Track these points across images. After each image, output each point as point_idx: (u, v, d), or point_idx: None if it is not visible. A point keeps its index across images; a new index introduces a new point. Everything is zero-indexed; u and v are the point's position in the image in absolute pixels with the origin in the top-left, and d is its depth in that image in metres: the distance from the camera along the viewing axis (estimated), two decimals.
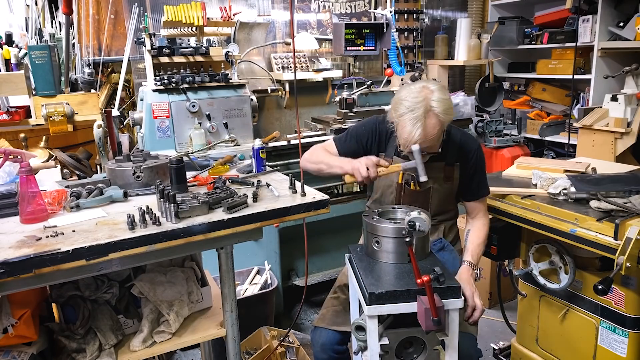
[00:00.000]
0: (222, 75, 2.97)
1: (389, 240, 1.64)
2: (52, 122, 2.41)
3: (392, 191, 2.04)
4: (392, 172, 1.88)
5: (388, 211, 1.79)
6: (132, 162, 1.87)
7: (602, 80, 3.81)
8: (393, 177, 2.02)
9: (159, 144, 2.86)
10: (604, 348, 1.98)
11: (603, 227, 1.77)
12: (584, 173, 2.24)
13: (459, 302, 1.47)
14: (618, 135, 3.37)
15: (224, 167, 2.08)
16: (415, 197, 2.00)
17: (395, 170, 1.87)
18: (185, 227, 1.46)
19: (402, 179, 2.01)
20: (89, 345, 1.58)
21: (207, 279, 1.96)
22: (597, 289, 1.72)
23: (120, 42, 3.64)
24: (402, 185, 2.01)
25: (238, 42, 3.37)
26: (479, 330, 3.10)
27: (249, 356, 2.59)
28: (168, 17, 2.98)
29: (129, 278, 1.76)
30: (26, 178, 1.49)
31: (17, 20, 3.11)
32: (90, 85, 2.99)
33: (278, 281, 3.05)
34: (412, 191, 1.99)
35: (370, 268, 1.62)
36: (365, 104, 3.56)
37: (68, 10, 2.72)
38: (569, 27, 4.15)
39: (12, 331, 1.49)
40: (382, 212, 1.76)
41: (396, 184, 2.02)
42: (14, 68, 2.52)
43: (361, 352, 1.61)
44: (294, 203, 1.65)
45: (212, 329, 1.78)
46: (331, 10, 4.19)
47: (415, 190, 1.99)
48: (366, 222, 1.71)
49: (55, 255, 1.29)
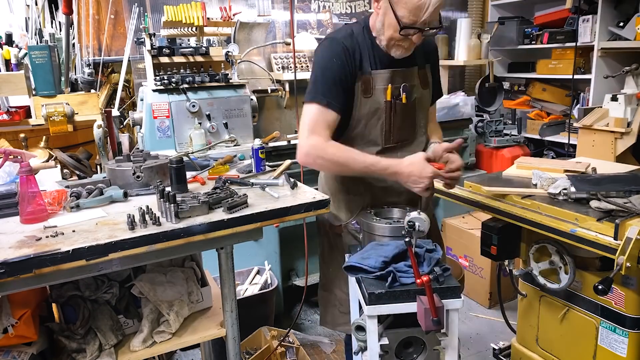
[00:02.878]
0: (222, 75, 2.97)
1: (387, 240, 1.64)
2: (52, 122, 2.41)
3: (379, 116, 1.75)
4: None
5: (385, 211, 1.78)
6: (132, 162, 1.87)
7: (602, 80, 3.81)
8: (378, 98, 1.73)
9: (159, 144, 2.86)
10: (604, 348, 1.98)
11: (603, 227, 1.76)
12: (584, 173, 2.24)
13: (459, 302, 1.47)
14: (618, 135, 3.36)
15: (224, 167, 2.07)
16: (406, 113, 1.78)
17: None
18: (185, 227, 1.46)
19: (390, 94, 1.73)
20: (89, 345, 1.58)
21: (207, 279, 1.96)
22: (597, 289, 1.72)
23: (120, 42, 3.65)
24: (392, 102, 1.73)
25: (238, 42, 3.37)
26: (479, 329, 3.11)
27: (249, 356, 2.59)
28: (168, 17, 2.98)
29: (129, 278, 1.76)
30: (26, 178, 1.49)
31: (17, 20, 3.12)
32: (90, 85, 2.99)
33: (278, 281, 3.05)
34: (403, 106, 1.75)
35: None
36: None
37: (68, 10, 2.72)
38: (569, 27, 4.15)
39: (12, 331, 1.49)
40: (378, 212, 1.76)
41: (385, 104, 1.73)
42: (14, 68, 2.52)
43: (361, 352, 1.61)
44: (294, 203, 1.65)
45: (212, 329, 1.78)
46: (331, 10, 4.19)
47: (407, 104, 1.76)
48: (363, 221, 1.70)
49: (55, 255, 1.29)
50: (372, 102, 1.73)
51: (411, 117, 1.80)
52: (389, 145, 1.79)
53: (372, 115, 1.74)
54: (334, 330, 2.19)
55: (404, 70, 1.75)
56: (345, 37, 1.71)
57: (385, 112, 1.74)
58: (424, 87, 1.82)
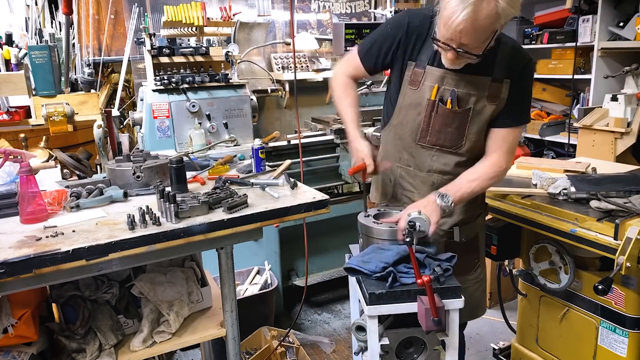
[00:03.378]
0: (222, 75, 2.97)
1: (383, 244, 1.61)
2: (52, 122, 2.41)
3: (419, 111, 1.69)
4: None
5: (384, 213, 1.75)
6: (132, 162, 1.87)
7: (602, 80, 3.81)
8: (424, 93, 1.67)
9: (159, 144, 2.85)
10: (604, 348, 1.98)
11: (603, 227, 1.77)
12: (584, 173, 2.24)
13: (459, 302, 1.46)
14: (618, 135, 3.36)
15: (224, 167, 2.07)
16: (450, 119, 1.66)
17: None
18: (185, 227, 1.46)
19: (435, 94, 1.65)
20: (89, 345, 1.58)
21: (207, 279, 1.96)
22: (597, 289, 1.72)
23: (120, 42, 3.65)
24: (435, 102, 1.65)
25: (238, 42, 3.37)
26: (479, 329, 3.11)
27: (249, 356, 2.59)
28: (168, 17, 2.98)
29: (129, 278, 1.76)
30: (26, 178, 1.49)
31: (17, 20, 3.12)
32: (90, 85, 2.99)
33: (278, 281, 3.05)
34: (447, 111, 1.65)
35: None
36: (365, 104, 3.56)
37: (68, 10, 2.72)
38: (569, 27, 4.15)
39: (12, 331, 1.49)
40: (377, 214, 1.72)
41: (427, 102, 1.67)
42: (14, 68, 2.52)
43: (361, 353, 1.61)
44: (294, 203, 1.65)
45: (212, 329, 1.78)
46: (331, 10, 4.20)
47: (452, 110, 1.64)
48: (361, 223, 1.67)
49: (55, 255, 1.29)
50: (416, 96, 1.69)
51: (458, 125, 1.67)
52: (423, 144, 1.73)
53: (413, 109, 1.71)
54: (337, 321, 2.12)
55: (462, 75, 1.62)
56: (418, 16, 1.66)
57: (425, 109, 1.68)
58: (490, 100, 1.65)
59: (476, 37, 1.44)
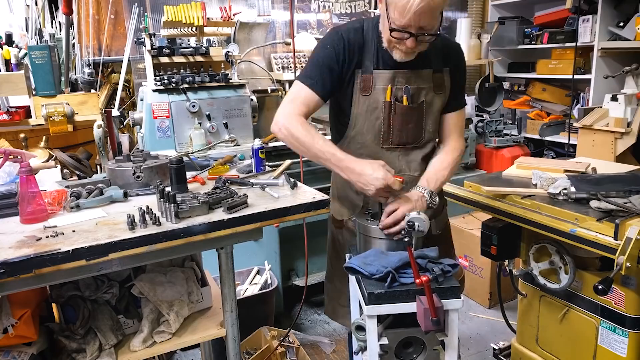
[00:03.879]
0: (222, 75, 2.97)
1: (381, 243, 1.61)
2: (52, 122, 2.41)
3: (377, 115, 1.71)
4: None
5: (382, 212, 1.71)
6: (132, 162, 1.87)
7: (602, 80, 3.81)
8: (377, 97, 1.69)
9: (159, 144, 2.86)
10: (604, 348, 1.98)
11: (603, 227, 1.76)
12: (584, 173, 2.24)
13: (459, 303, 1.46)
14: (618, 135, 3.36)
15: (224, 167, 2.08)
16: (409, 116, 1.71)
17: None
18: (185, 227, 1.46)
19: (390, 95, 1.68)
20: (89, 346, 1.58)
21: (207, 279, 1.96)
22: (597, 289, 1.72)
23: (120, 42, 3.65)
24: (391, 102, 1.68)
25: (238, 42, 3.37)
26: (479, 329, 3.11)
27: (249, 356, 2.59)
28: (168, 17, 2.98)
29: (129, 278, 1.77)
30: (26, 178, 1.49)
31: (17, 20, 3.12)
32: (90, 85, 2.99)
33: (278, 281, 3.05)
34: (405, 108, 1.69)
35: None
36: None
37: (68, 10, 2.72)
38: (569, 27, 4.15)
39: (12, 331, 1.49)
40: (375, 213, 1.71)
41: (383, 104, 1.69)
42: (14, 68, 2.52)
43: (361, 352, 1.61)
44: (294, 203, 1.65)
45: (212, 329, 1.78)
46: (331, 10, 4.20)
47: (409, 107, 1.69)
48: (358, 222, 1.67)
49: (55, 256, 1.29)
50: (371, 101, 1.70)
51: (416, 120, 1.73)
52: (388, 146, 1.75)
53: (370, 114, 1.71)
54: (336, 322, 2.17)
55: (410, 72, 1.68)
56: (350, 30, 1.69)
57: (384, 112, 1.70)
58: (437, 91, 1.73)
59: (433, 16, 1.49)
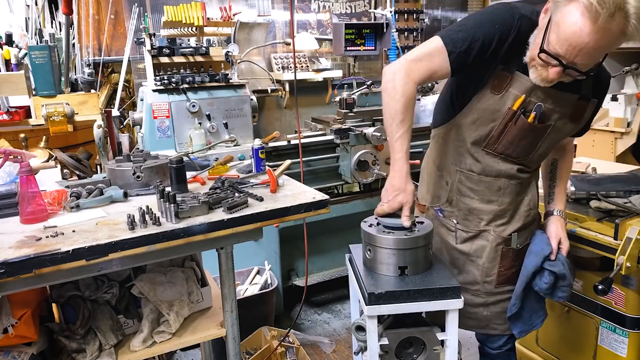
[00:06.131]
0: (222, 75, 2.97)
1: (381, 251, 1.54)
2: (52, 122, 2.41)
3: (494, 118, 1.52)
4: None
5: (388, 219, 1.61)
6: (132, 162, 1.87)
7: None
8: (505, 100, 1.48)
9: (159, 144, 2.85)
10: (604, 348, 1.98)
11: (603, 227, 1.77)
12: (584, 173, 2.24)
13: (459, 303, 1.46)
14: (618, 135, 3.37)
15: (224, 167, 2.08)
16: (526, 133, 1.51)
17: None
18: (185, 227, 1.46)
19: (519, 104, 1.47)
20: (89, 346, 1.58)
21: (207, 279, 1.96)
22: (597, 289, 1.72)
23: (120, 42, 3.65)
24: (516, 113, 1.48)
25: (238, 42, 3.37)
26: None
27: (249, 356, 2.59)
28: (168, 17, 2.98)
29: (129, 278, 1.76)
30: (26, 178, 1.49)
31: (17, 20, 3.12)
32: (90, 86, 2.99)
33: (278, 281, 3.05)
34: (527, 125, 1.49)
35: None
36: (365, 104, 3.55)
37: (68, 10, 2.72)
38: None
39: (12, 331, 1.49)
40: (382, 220, 1.60)
41: (507, 110, 1.49)
42: (14, 68, 2.52)
43: (361, 353, 1.61)
44: (294, 203, 1.65)
45: (212, 329, 1.78)
46: (331, 10, 4.20)
47: (532, 125, 1.49)
48: (364, 231, 1.59)
49: (55, 256, 1.29)
50: (496, 102, 1.51)
51: (532, 140, 1.55)
52: (489, 151, 1.60)
53: (489, 114, 1.53)
54: (336, 322, 2.12)
55: (553, 90, 1.46)
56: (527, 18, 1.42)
57: (503, 118, 1.51)
58: (573, 120, 1.54)
59: (594, 58, 1.30)
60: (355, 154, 3.03)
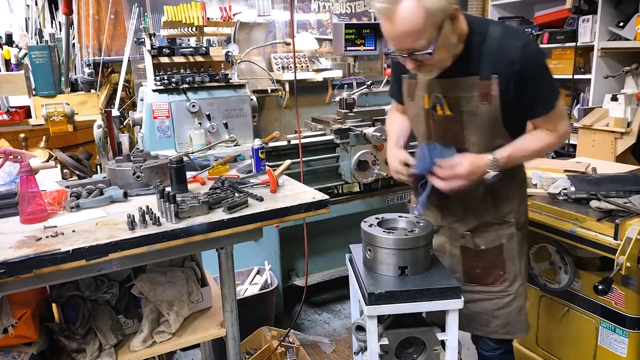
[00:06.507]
0: (222, 75, 2.97)
1: (381, 251, 1.54)
2: (52, 122, 2.41)
3: (421, 121, 1.70)
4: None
5: (389, 220, 1.67)
6: (132, 162, 1.87)
7: (602, 80, 3.81)
8: (419, 103, 1.66)
9: (159, 144, 2.85)
10: (604, 348, 1.98)
11: (603, 227, 1.77)
12: (584, 173, 2.24)
13: (459, 303, 1.46)
14: (618, 135, 3.37)
15: (224, 167, 2.08)
16: (446, 125, 1.62)
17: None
18: (185, 227, 1.46)
19: (428, 102, 1.62)
20: (89, 345, 1.58)
21: (207, 279, 1.96)
22: (597, 289, 1.73)
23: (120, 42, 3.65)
24: (429, 110, 1.63)
25: (238, 42, 3.37)
26: None
27: (249, 356, 2.59)
28: (168, 17, 2.98)
29: (129, 278, 1.76)
30: (26, 178, 1.49)
31: (17, 20, 3.12)
32: (90, 86, 2.99)
33: (278, 281, 3.05)
34: (441, 117, 1.62)
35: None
36: (365, 104, 3.56)
37: (68, 10, 2.72)
38: (569, 27, 4.15)
39: (12, 331, 1.49)
40: (382, 220, 1.65)
41: (423, 110, 1.66)
42: (14, 68, 2.52)
43: (361, 353, 1.61)
44: (294, 203, 1.65)
45: (212, 329, 1.78)
46: (331, 10, 4.20)
47: (445, 116, 1.60)
48: (364, 231, 1.60)
49: (55, 256, 1.29)
50: (415, 107, 1.71)
51: (455, 130, 1.61)
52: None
53: (416, 119, 1.73)
54: (336, 322, 2.12)
55: (447, 80, 1.56)
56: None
57: (425, 118, 1.68)
58: (483, 100, 1.54)
59: (415, 38, 1.38)
60: (355, 154, 3.03)
